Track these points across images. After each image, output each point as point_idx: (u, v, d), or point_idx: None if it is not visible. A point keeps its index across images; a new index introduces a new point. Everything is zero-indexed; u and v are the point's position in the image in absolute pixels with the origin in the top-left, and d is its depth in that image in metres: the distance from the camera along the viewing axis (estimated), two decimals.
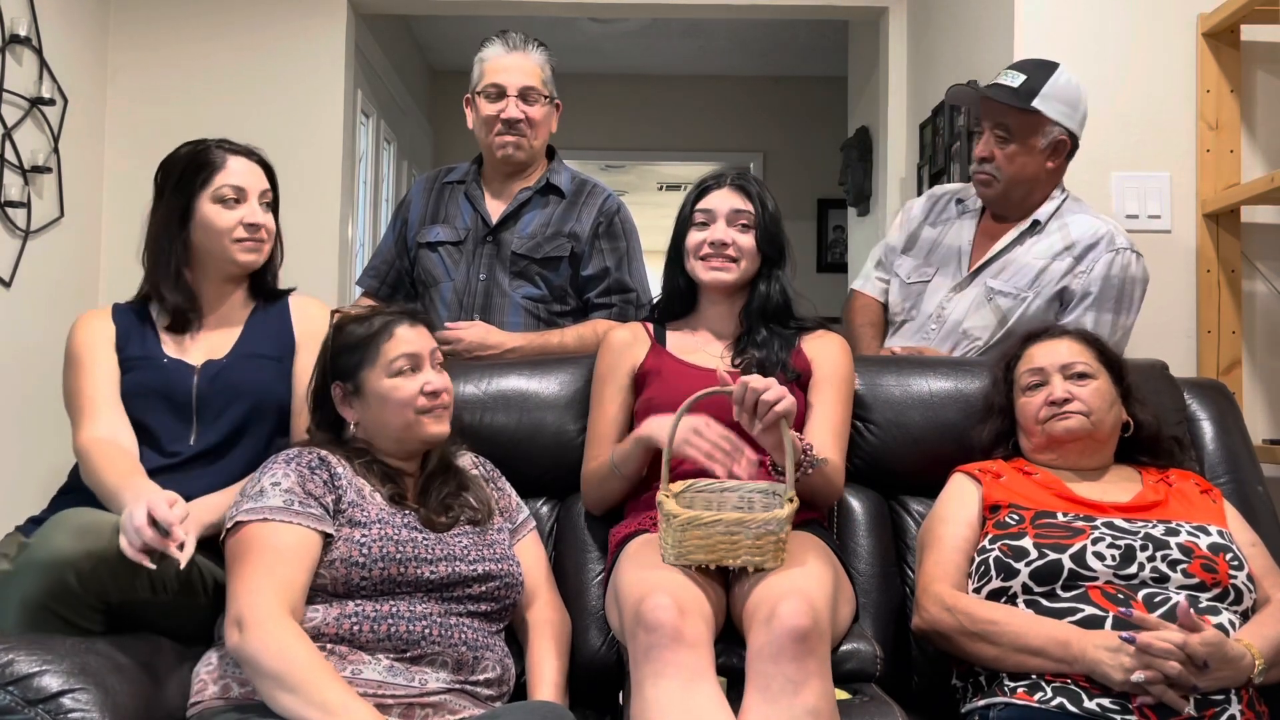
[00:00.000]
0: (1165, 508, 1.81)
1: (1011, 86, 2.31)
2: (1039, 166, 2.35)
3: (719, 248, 1.97)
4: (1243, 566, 1.72)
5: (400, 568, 1.62)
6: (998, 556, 1.75)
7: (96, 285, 3.46)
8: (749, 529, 1.62)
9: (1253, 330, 2.80)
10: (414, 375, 1.72)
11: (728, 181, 2.01)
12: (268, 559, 1.55)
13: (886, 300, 2.60)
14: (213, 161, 1.90)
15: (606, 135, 6.08)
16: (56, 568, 1.55)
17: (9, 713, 1.43)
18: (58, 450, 1.94)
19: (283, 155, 2.06)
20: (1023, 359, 1.94)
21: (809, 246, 6.09)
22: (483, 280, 2.44)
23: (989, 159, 2.35)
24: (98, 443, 1.78)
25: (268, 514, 1.58)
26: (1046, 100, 2.29)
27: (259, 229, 1.90)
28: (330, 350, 1.76)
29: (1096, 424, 1.85)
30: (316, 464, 1.66)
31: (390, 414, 1.71)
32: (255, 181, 1.92)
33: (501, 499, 1.87)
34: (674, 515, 1.64)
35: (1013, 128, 2.32)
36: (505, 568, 1.72)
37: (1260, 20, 2.68)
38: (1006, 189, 2.36)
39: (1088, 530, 1.74)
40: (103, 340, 1.88)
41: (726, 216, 1.98)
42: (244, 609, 1.50)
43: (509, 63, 2.43)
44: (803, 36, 5.43)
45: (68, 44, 3.24)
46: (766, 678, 1.48)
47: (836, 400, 1.96)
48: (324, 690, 1.44)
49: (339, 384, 1.75)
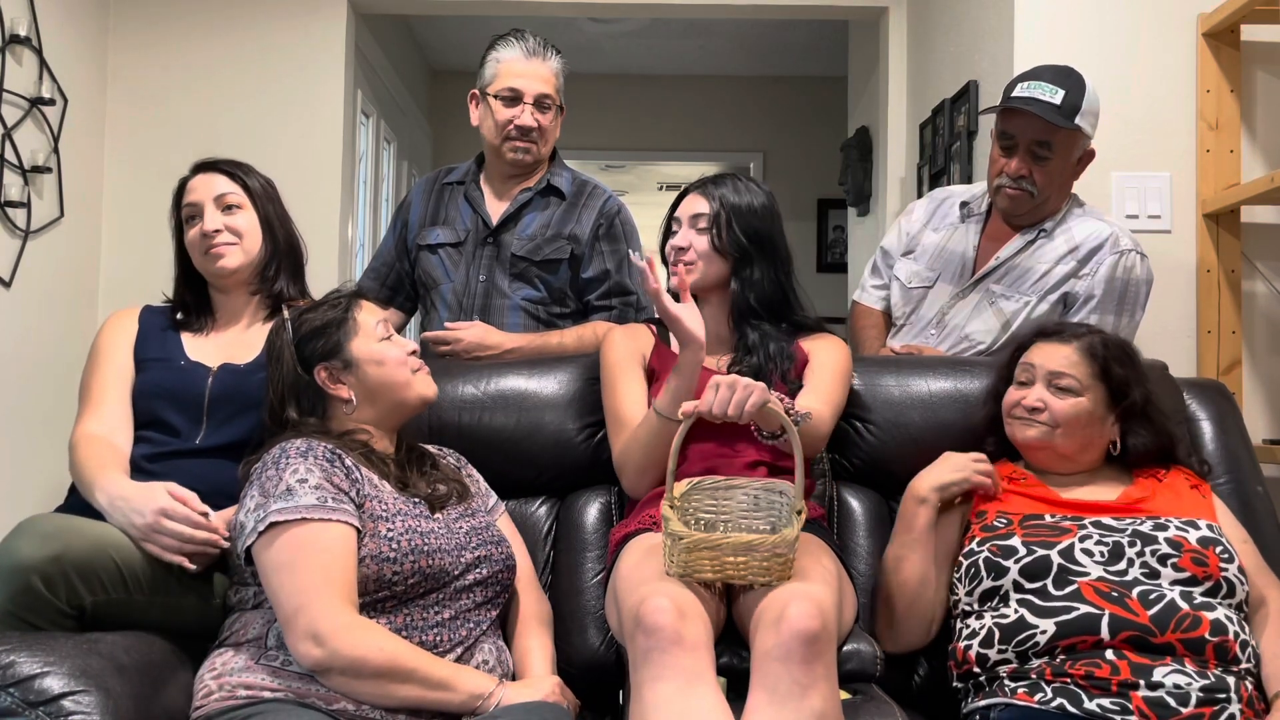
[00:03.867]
0: (1152, 503, 1.81)
1: (1054, 103, 2.23)
2: (1068, 180, 2.34)
3: (679, 252, 1.99)
4: (1233, 559, 1.72)
5: (429, 559, 1.62)
6: (987, 557, 1.75)
7: (96, 285, 3.46)
8: (757, 552, 1.60)
9: (1253, 330, 2.80)
10: (393, 341, 1.79)
11: (697, 186, 2.02)
12: (322, 562, 1.54)
13: (887, 306, 2.60)
14: (183, 186, 1.99)
15: (606, 135, 6.08)
16: (20, 574, 1.54)
17: (10, 715, 1.43)
18: (58, 449, 1.94)
19: (283, 155, 2.07)
20: (1028, 350, 1.93)
21: (809, 246, 6.09)
22: (482, 282, 2.44)
23: (1026, 175, 2.29)
24: (89, 437, 1.81)
25: (305, 513, 1.56)
26: (1085, 116, 2.25)
27: (213, 235, 1.92)
28: (294, 341, 1.75)
29: (1058, 438, 1.84)
30: (331, 456, 1.64)
31: (391, 374, 1.75)
32: (207, 190, 1.95)
33: (472, 484, 1.88)
34: (680, 536, 1.61)
35: (1055, 145, 2.26)
36: (502, 550, 1.74)
37: (1260, 20, 2.68)
38: (1039, 205, 2.33)
39: (1074, 529, 1.75)
40: (123, 339, 1.93)
41: (689, 220, 2.00)
42: (317, 620, 1.49)
43: (527, 69, 2.41)
44: (803, 36, 5.43)
45: (68, 44, 3.23)
46: (774, 679, 1.48)
47: (831, 375, 1.96)
48: (434, 669, 1.54)
49: (323, 365, 1.74)
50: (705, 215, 1.98)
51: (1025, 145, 2.28)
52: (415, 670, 1.52)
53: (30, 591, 1.55)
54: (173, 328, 1.96)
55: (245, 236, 1.94)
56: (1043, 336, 1.93)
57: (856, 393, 2.09)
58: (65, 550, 1.56)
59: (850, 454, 2.10)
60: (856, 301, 2.69)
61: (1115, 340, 1.92)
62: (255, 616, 1.63)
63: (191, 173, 1.99)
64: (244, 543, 1.60)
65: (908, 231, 2.56)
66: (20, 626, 1.57)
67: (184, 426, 1.86)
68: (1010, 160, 2.30)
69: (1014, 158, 2.30)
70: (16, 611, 1.57)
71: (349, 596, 1.54)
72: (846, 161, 4.43)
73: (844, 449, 2.10)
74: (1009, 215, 2.39)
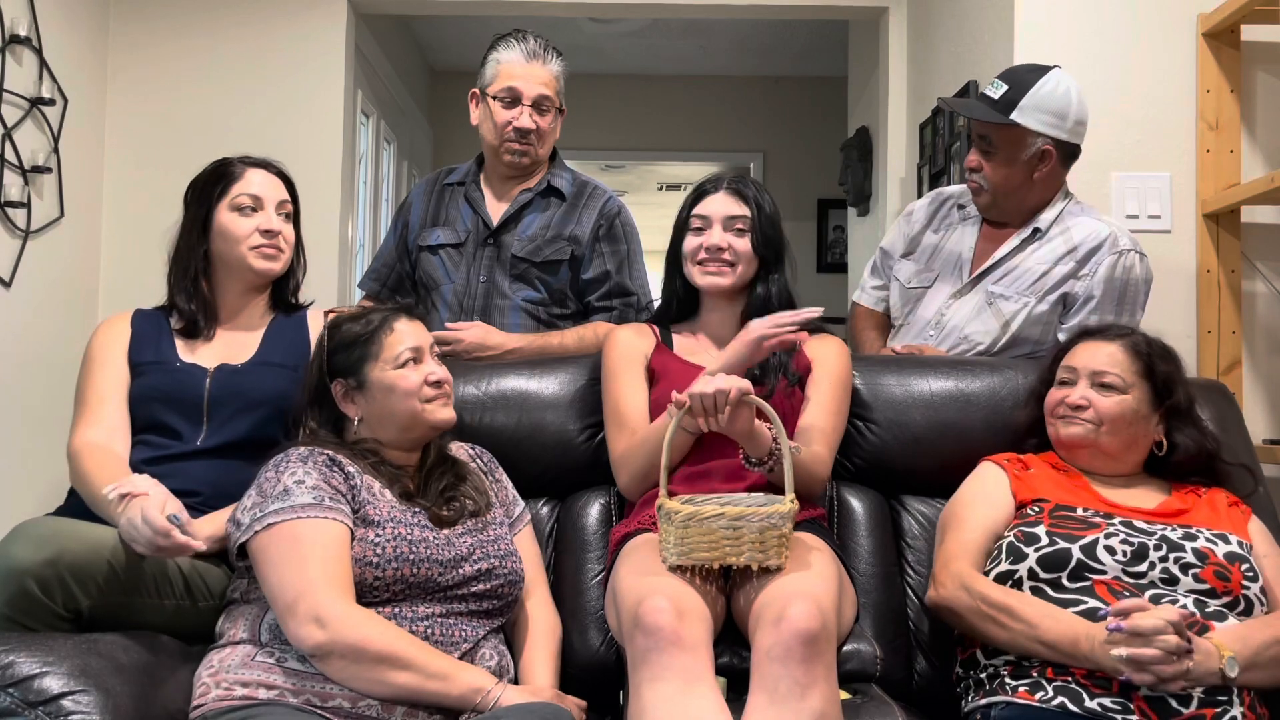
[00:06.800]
0: (1188, 515, 1.81)
1: (992, 98, 2.29)
2: (1024, 177, 2.33)
3: (715, 252, 1.97)
4: (1258, 578, 1.72)
5: (413, 568, 1.62)
6: (1011, 542, 1.76)
7: (96, 285, 3.46)
8: (751, 523, 1.62)
9: (1253, 330, 2.80)
10: (417, 366, 1.75)
11: (724, 186, 2.01)
12: (319, 553, 1.55)
13: (887, 307, 2.60)
14: (231, 173, 1.96)
15: (606, 135, 6.08)
16: (16, 578, 1.54)
17: (10, 715, 1.43)
18: (58, 450, 1.94)
19: (283, 155, 2.07)
20: (1069, 353, 1.94)
21: (809, 246, 6.09)
22: (483, 283, 2.44)
23: (977, 169, 2.35)
24: (89, 446, 1.81)
25: (301, 512, 1.58)
26: (1025, 112, 2.26)
27: (275, 235, 1.94)
28: (326, 349, 1.78)
29: (1103, 436, 1.84)
30: (329, 463, 1.66)
31: (398, 404, 1.73)
32: (273, 191, 1.97)
33: (500, 491, 1.87)
34: (675, 512, 1.64)
35: (994, 140, 2.30)
36: (509, 565, 1.73)
37: (1260, 20, 2.68)
38: (994, 198, 2.36)
39: (1102, 525, 1.75)
40: (117, 345, 1.92)
41: (722, 221, 1.98)
42: (320, 605, 1.51)
43: (527, 71, 2.41)
44: (803, 36, 5.43)
45: (68, 44, 3.23)
46: (773, 679, 1.48)
47: (831, 397, 1.96)
48: (433, 660, 1.54)
49: (340, 381, 1.75)
50: (745, 218, 1.98)
51: (975, 139, 2.35)
52: (414, 659, 1.52)
53: (26, 595, 1.55)
54: (165, 331, 1.95)
55: (289, 247, 1.99)
56: (1085, 337, 1.95)
57: (858, 392, 2.09)
58: (61, 554, 1.56)
59: (851, 454, 2.10)
60: (856, 302, 2.69)
61: (1158, 340, 1.93)
62: (249, 611, 1.64)
63: (241, 163, 1.97)
64: (239, 539, 1.61)
65: (907, 233, 2.55)
66: (14, 628, 1.57)
67: (184, 428, 1.86)
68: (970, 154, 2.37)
69: (971, 151, 2.37)
70: (13, 615, 1.57)
71: (348, 588, 1.56)
72: (846, 161, 4.43)
73: (844, 449, 2.09)
74: (978, 209, 2.43)
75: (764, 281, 2.00)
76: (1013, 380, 2.10)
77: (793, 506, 1.65)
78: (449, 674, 1.54)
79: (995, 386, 2.10)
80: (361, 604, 1.58)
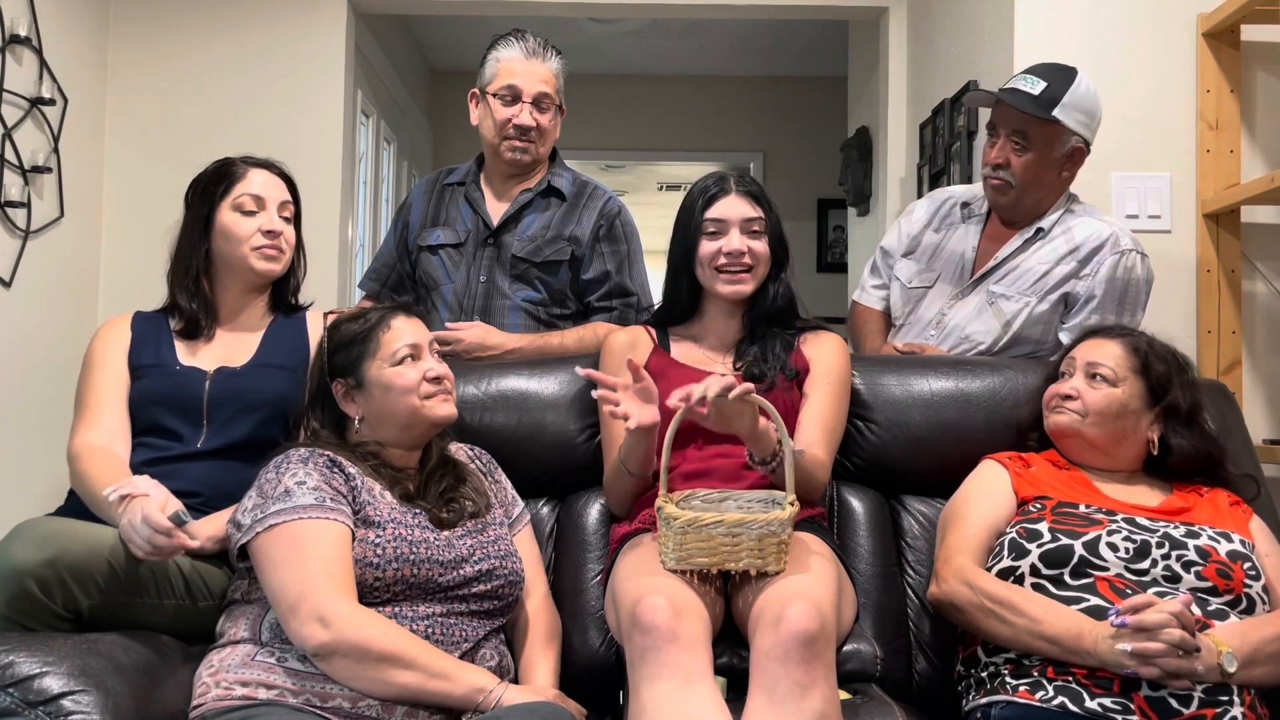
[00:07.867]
0: (1190, 513, 1.81)
1: (1032, 94, 2.26)
2: (1054, 175, 2.33)
3: (735, 257, 1.94)
4: (1260, 577, 1.72)
5: (414, 569, 1.62)
6: (1013, 538, 1.77)
7: (96, 285, 3.46)
8: (750, 530, 1.62)
9: (1253, 330, 2.80)
10: (415, 363, 1.75)
11: (734, 188, 1.97)
12: (321, 553, 1.56)
13: (887, 306, 2.60)
14: (234, 173, 1.97)
15: (606, 135, 6.08)
16: (15, 578, 1.55)
17: (9, 715, 1.43)
18: (58, 450, 1.94)
19: (283, 155, 2.07)
20: (1074, 349, 1.95)
21: (809, 246, 6.09)
22: (483, 283, 2.44)
23: (1004, 165, 2.32)
24: (89, 449, 1.81)
25: (302, 513, 1.58)
26: (1067, 110, 2.25)
27: (277, 236, 1.95)
28: (327, 349, 1.78)
29: (1088, 427, 1.85)
30: (329, 464, 1.66)
31: (396, 401, 1.73)
32: (275, 192, 1.97)
33: (499, 492, 1.87)
34: (674, 518, 1.63)
35: (1031, 136, 2.28)
36: (509, 565, 1.73)
37: (1260, 20, 2.68)
38: (1020, 196, 2.34)
39: (1105, 522, 1.75)
40: (116, 347, 1.92)
41: (740, 224, 1.95)
42: (323, 605, 1.51)
43: (527, 68, 2.41)
44: (803, 36, 5.43)
45: (68, 44, 3.23)
46: (773, 680, 1.48)
47: (830, 396, 1.95)
48: (435, 660, 1.54)
49: (340, 381, 1.76)
50: (760, 220, 1.96)
51: (1006, 135, 2.32)
52: (417, 658, 1.52)
53: (26, 596, 1.55)
54: (165, 334, 1.95)
55: (290, 249, 1.99)
56: (1092, 334, 1.96)
57: (858, 391, 2.09)
58: (60, 554, 1.56)
59: (851, 453, 2.10)
60: (856, 302, 2.68)
61: (1166, 344, 1.92)
62: (250, 611, 1.64)
63: (244, 163, 1.98)
64: (240, 540, 1.61)
65: (908, 232, 2.55)
66: (14, 629, 1.57)
67: (185, 431, 1.86)
68: (993, 149, 2.34)
69: (995, 147, 2.33)
70: (13, 615, 1.57)
71: (350, 588, 1.56)
72: (846, 161, 4.43)
73: (845, 449, 2.09)
74: (996, 207, 2.41)
75: (774, 281, 2.00)
76: (1013, 380, 2.10)
77: (793, 511, 1.65)
78: (451, 674, 1.54)
79: (995, 386, 2.10)
80: (362, 604, 1.58)
